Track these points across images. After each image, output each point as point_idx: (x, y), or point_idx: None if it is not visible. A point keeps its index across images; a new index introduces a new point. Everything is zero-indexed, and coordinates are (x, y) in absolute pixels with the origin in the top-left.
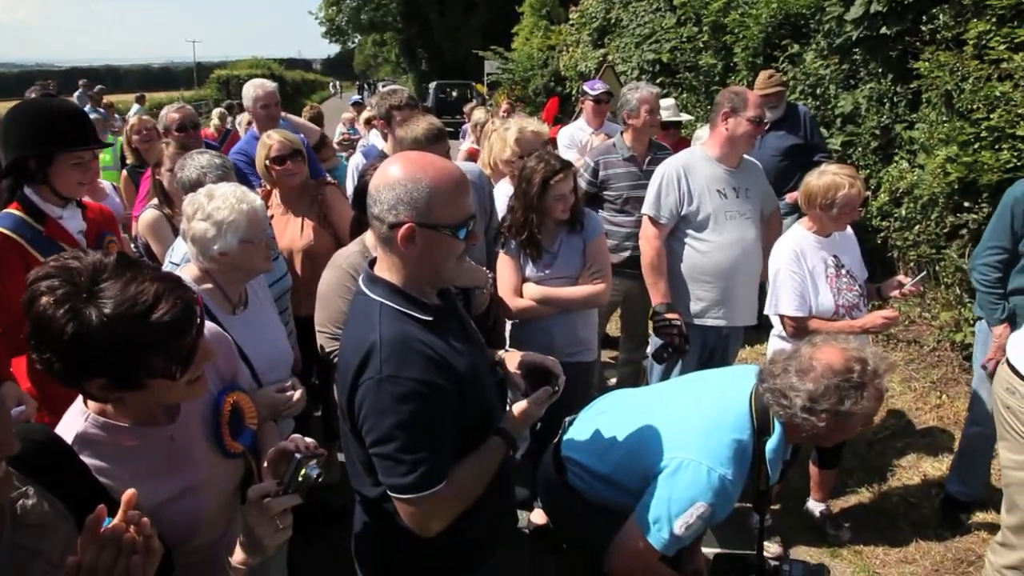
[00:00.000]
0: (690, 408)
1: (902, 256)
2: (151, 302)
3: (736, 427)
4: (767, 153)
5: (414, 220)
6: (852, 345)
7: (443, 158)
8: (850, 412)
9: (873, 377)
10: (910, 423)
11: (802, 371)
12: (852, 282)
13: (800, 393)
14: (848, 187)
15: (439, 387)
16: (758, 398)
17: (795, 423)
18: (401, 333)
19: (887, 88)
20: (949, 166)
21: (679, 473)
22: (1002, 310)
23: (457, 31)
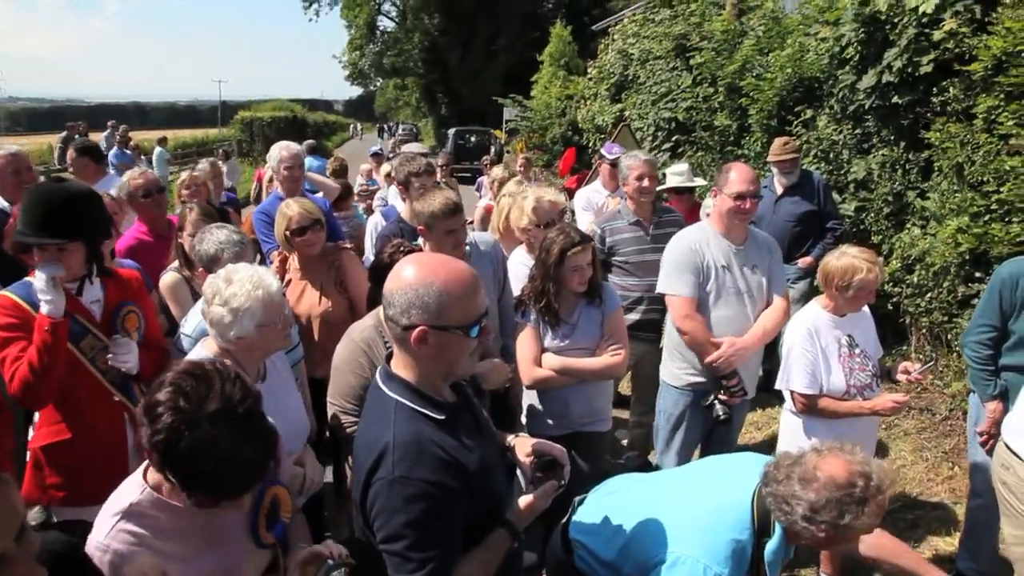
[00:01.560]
0: (693, 502)
1: (914, 322)
2: (243, 454)
3: (736, 527)
4: (781, 219)
5: (427, 323)
6: (858, 458)
7: (454, 259)
8: (850, 526)
9: (876, 493)
10: (922, 494)
11: (805, 480)
12: (865, 362)
13: (802, 503)
14: (866, 271)
15: (449, 487)
16: (761, 499)
17: (795, 530)
18: (414, 434)
19: (899, 156)
20: (960, 236)
21: (675, 568)
22: (994, 386)
23: (477, 77)
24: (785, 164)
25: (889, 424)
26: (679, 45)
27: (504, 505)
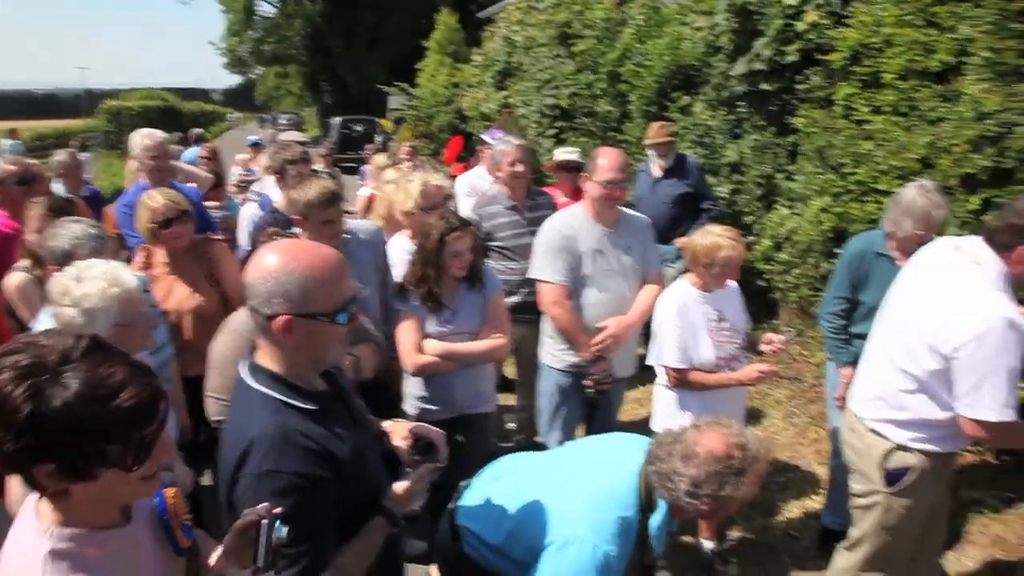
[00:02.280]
0: (579, 484)
1: (784, 297)
2: (116, 387)
3: (622, 505)
4: (659, 200)
5: (290, 311)
6: (734, 431)
7: (317, 244)
8: (731, 496)
9: (753, 462)
10: (792, 457)
11: (686, 456)
12: (733, 335)
13: (684, 479)
14: (729, 248)
15: (319, 478)
16: (645, 477)
17: (680, 505)
18: (281, 426)
19: (769, 140)
20: (823, 215)
21: (565, 549)
22: (847, 353)
23: (362, 65)
24: (661, 147)
25: (762, 394)
26: (562, 33)
27: (382, 493)
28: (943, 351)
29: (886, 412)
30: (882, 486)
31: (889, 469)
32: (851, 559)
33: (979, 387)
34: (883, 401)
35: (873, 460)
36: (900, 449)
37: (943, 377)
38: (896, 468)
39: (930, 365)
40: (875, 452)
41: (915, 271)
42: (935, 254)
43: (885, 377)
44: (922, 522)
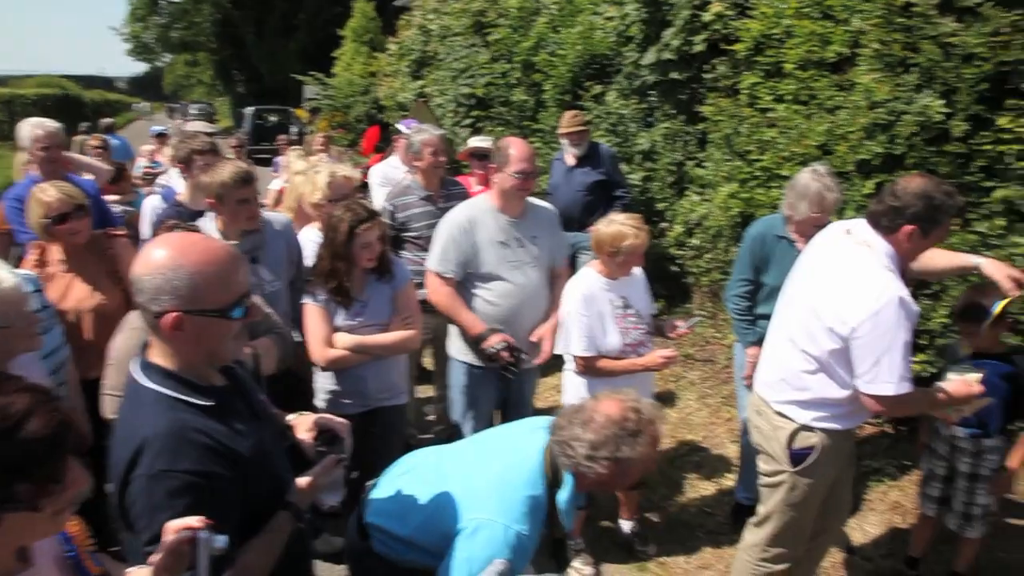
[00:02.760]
0: (486, 468)
1: (697, 282)
2: (18, 417)
3: (529, 483)
4: (573, 188)
5: (179, 308)
6: (629, 397)
7: (207, 238)
8: (628, 458)
9: (647, 424)
10: (706, 437)
11: (584, 423)
12: (638, 321)
13: (583, 443)
14: (633, 237)
15: (217, 476)
16: (550, 452)
17: (581, 471)
18: (175, 424)
19: (679, 128)
20: (731, 201)
21: (477, 533)
22: (752, 334)
23: (276, 54)
24: (574, 136)
25: (677, 376)
26: (477, 22)
27: (287, 489)
28: (841, 332)
29: (789, 394)
30: (788, 466)
31: (794, 449)
32: (759, 535)
33: (878, 364)
34: (786, 383)
35: (780, 442)
36: (804, 429)
37: (842, 357)
38: (800, 448)
39: (829, 345)
40: (781, 434)
41: (811, 254)
42: (828, 237)
43: (787, 359)
44: (823, 497)
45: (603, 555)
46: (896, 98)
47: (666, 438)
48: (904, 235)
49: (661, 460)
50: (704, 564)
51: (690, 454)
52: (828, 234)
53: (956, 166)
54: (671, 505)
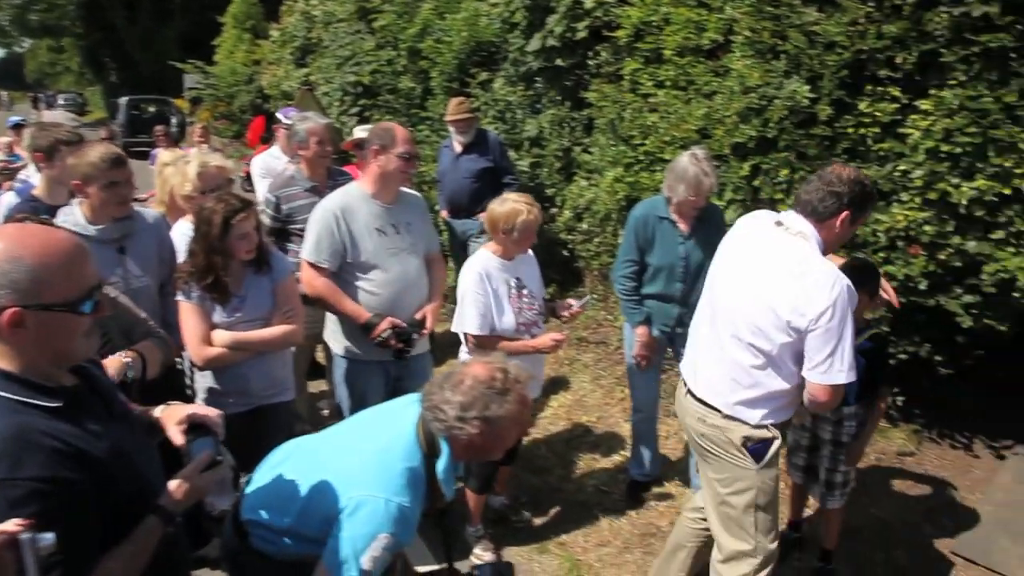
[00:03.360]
0: (362, 445)
1: (587, 265)
2: None
3: (406, 455)
4: (460, 176)
5: (19, 304)
6: (497, 359)
7: (49, 228)
8: (498, 416)
9: (514, 383)
10: (600, 418)
11: (453, 385)
12: (532, 301)
13: (453, 405)
14: (527, 214)
15: (67, 481)
16: (424, 423)
17: (454, 435)
18: (17, 427)
19: (566, 115)
20: (617, 185)
21: (358, 511)
22: (639, 313)
23: (151, 40)
24: (461, 124)
25: (571, 359)
26: (361, 8)
27: (154, 491)
28: (798, 324)
29: (740, 393)
30: (752, 464)
31: (751, 447)
32: (744, 558)
33: (833, 354)
34: (735, 382)
35: (735, 445)
36: (756, 428)
37: (791, 349)
38: (757, 443)
39: (780, 339)
40: (735, 436)
41: (738, 248)
42: (757, 229)
43: (732, 357)
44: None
45: (503, 539)
46: (767, 84)
47: (561, 420)
48: (839, 221)
49: (557, 442)
50: (602, 541)
51: (585, 435)
52: (754, 226)
53: (823, 148)
54: (568, 486)
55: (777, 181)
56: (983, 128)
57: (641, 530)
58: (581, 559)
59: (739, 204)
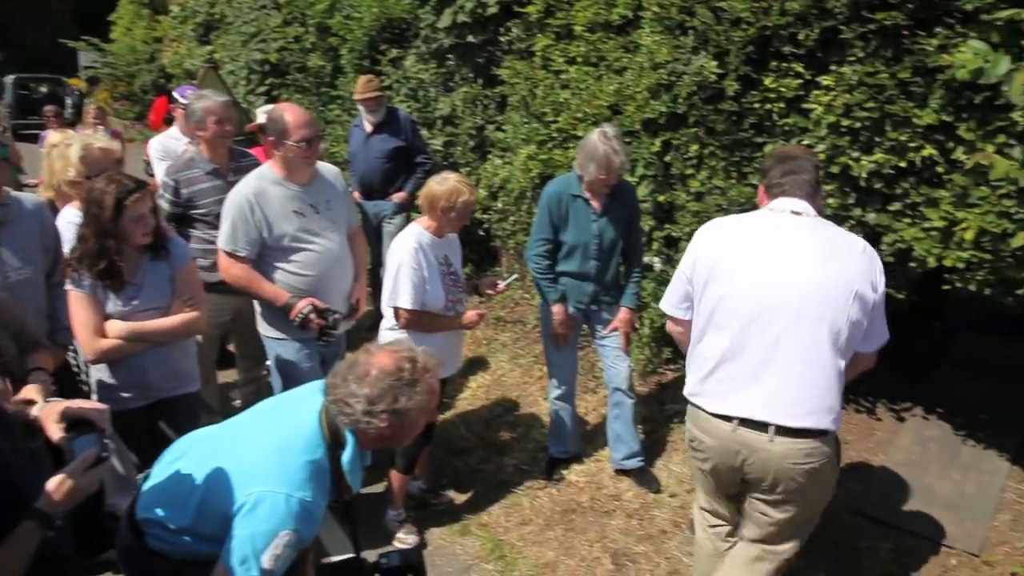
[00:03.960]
0: (262, 438)
1: (503, 244)
2: None
3: (307, 448)
4: (372, 155)
5: None
6: (403, 347)
7: None
8: (407, 409)
9: (423, 372)
10: (519, 397)
11: (359, 378)
12: (457, 279)
13: (359, 399)
14: (468, 194)
15: None
16: (328, 414)
17: (361, 429)
18: None
19: (478, 92)
20: (531, 163)
21: (257, 508)
22: (555, 291)
23: (39, 15)
24: (370, 102)
25: (489, 339)
26: None
27: (34, 494)
28: (872, 298)
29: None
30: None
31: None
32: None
33: (883, 316)
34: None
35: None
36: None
37: (860, 328)
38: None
39: (858, 318)
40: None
41: (758, 249)
42: (772, 224)
43: (824, 366)
44: None
45: (424, 522)
46: (676, 60)
47: (480, 400)
48: (822, 196)
49: (476, 423)
50: (524, 520)
51: (504, 415)
52: (759, 223)
53: (731, 123)
54: (488, 466)
55: (687, 156)
56: (880, 103)
57: (562, 507)
58: (503, 539)
59: (651, 180)
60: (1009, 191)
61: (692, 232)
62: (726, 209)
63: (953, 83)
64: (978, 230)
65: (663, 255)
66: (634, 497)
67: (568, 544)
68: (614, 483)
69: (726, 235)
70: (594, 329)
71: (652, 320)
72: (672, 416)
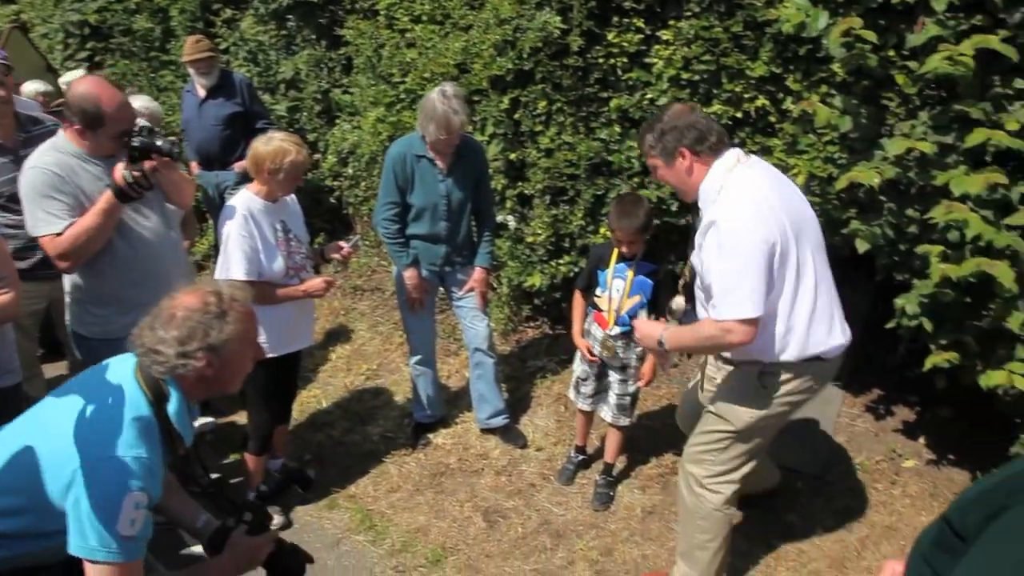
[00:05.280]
0: (82, 409)
1: (356, 212)
2: None
3: (131, 407)
4: (208, 123)
5: None
6: (207, 284)
7: None
8: (223, 341)
9: (232, 302)
10: (381, 364)
11: (165, 322)
12: (298, 245)
13: (169, 343)
14: (295, 153)
15: None
16: (141, 368)
17: (179, 374)
18: None
19: (322, 55)
20: (379, 126)
21: (93, 475)
22: (406, 256)
23: None
24: (200, 64)
25: (346, 309)
26: None
27: None
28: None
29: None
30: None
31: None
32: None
33: None
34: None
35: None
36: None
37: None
38: None
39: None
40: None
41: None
42: (754, 167)
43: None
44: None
45: (289, 501)
46: (520, 15)
47: (340, 371)
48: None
49: (337, 394)
50: (393, 488)
51: (367, 384)
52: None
53: (577, 79)
54: (353, 437)
55: (536, 113)
56: (716, 56)
57: (431, 471)
58: (372, 508)
59: (501, 138)
60: (832, 138)
61: (545, 189)
62: (576, 164)
63: (780, 36)
64: (808, 175)
65: (516, 213)
66: (501, 454)
67: (439, 507)
68: (481, 443)
69: (768, 200)
70: (450, 291)
71: (510, 279)
72: (534, 372)
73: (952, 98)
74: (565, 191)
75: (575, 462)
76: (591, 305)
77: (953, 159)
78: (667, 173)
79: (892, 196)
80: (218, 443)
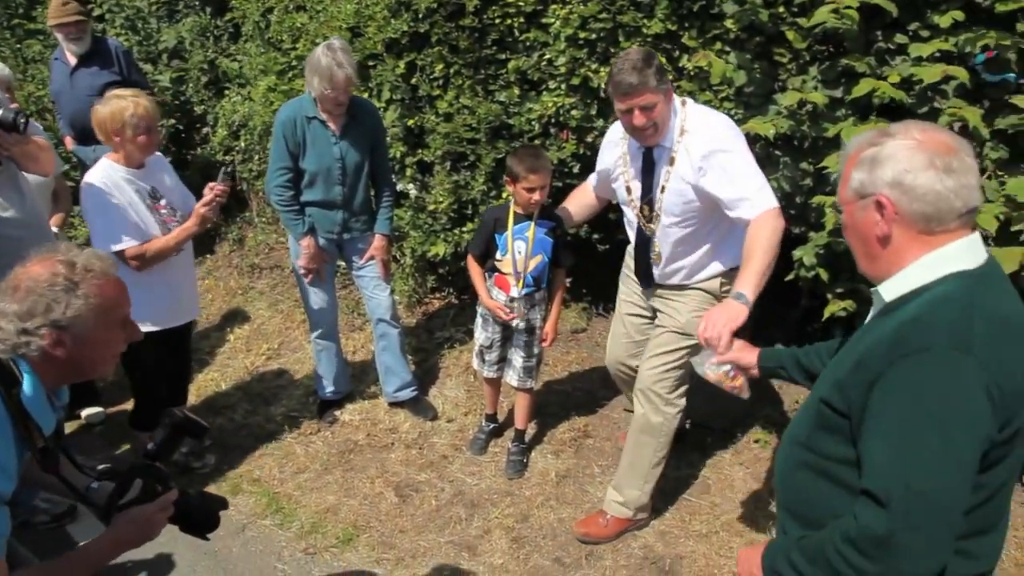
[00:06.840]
0: None
1: (251, 187)
2: None
3: None
4: (81, 93)
5: None
6: (61, 252)
7: None
8: (72, 318)
9: (86, 273)
10: (283, 343)
11: (9, 294)
12: (172, 212)
13: (9, 317)
14: (133, 106)
15: None
16: None
17: (24, 354)
18: None
19: (208, 22)
20: (271, 95)
21: None
22: (303, 224)
23: None
24: (69, 29)
25: (245, 288)
26: None
27: None
28: None
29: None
30: None
31: None
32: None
33: None
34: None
35: None
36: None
37: None
38: None
39: None
40: None
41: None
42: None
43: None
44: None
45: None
46: None
47: (240, 352)
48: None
49: (238, 376)
50: (300, 468)
51: (268, 363)
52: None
53: (474, 40)
54: (255, 419)
55: (433, 77)
56: (612, 14)
57: (339, 448)
58: (279, 491)
59: (398, 104)
60: (728, 94)
61: (445, 155)
62: (475, 128)
63: None
64: None
65: (417, 181)
66: (411, 428)
67: (348, 485)
68: (390, 417)
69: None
70: (350, 260)
71: (413, 250)
72: (442, 343)
73: (840, 53)
74: (465, 156)
75: (486, 431)
76: (489, 270)
77: (842, 112)
78: (665, 109)
79: (787, 150)
80: (110, 433)
